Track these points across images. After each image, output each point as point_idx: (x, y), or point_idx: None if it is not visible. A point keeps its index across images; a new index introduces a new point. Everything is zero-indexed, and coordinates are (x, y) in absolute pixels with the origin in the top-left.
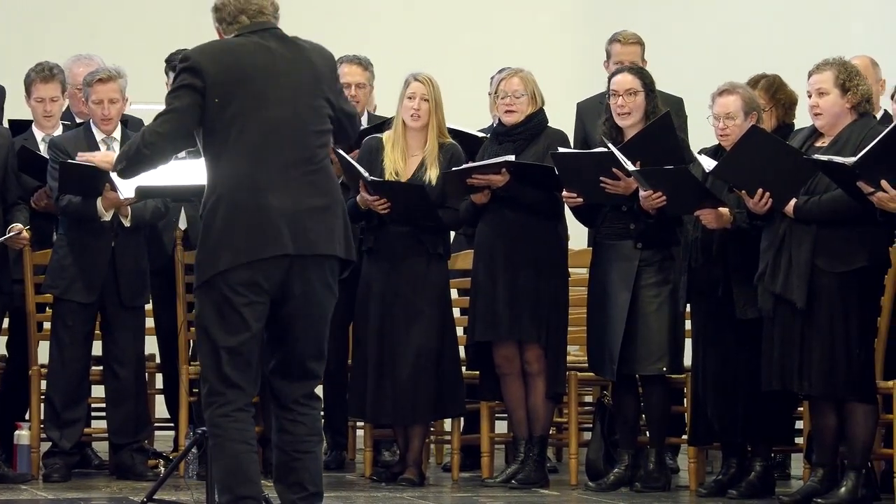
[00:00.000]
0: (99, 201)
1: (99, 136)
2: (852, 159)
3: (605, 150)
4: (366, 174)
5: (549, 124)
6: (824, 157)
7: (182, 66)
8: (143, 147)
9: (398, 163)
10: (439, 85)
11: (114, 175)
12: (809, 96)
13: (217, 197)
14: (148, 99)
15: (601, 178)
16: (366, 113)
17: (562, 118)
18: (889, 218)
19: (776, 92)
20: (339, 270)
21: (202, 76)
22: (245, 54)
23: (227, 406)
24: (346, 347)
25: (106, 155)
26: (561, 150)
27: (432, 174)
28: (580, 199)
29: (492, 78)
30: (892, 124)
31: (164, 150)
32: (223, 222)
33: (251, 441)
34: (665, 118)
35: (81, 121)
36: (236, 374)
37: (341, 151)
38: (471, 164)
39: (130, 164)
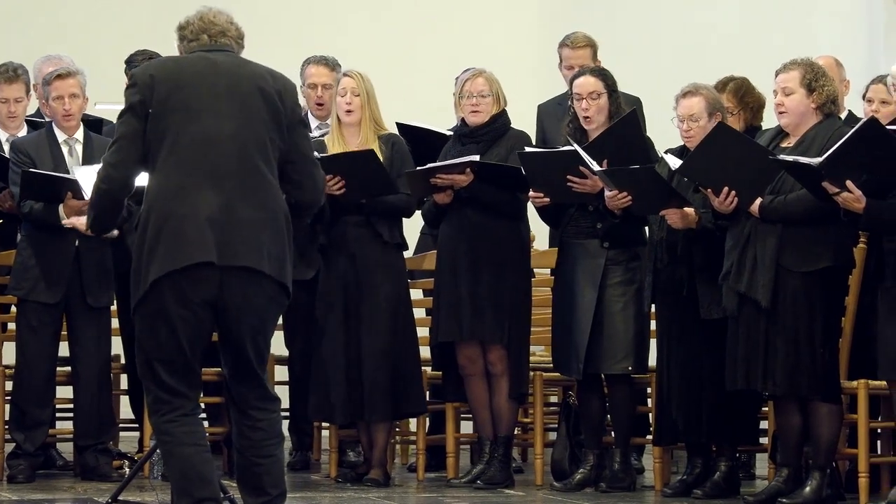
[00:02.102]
0: (61, 208)
1: (61, 137)
2: (818, 160)
3: (571, 148)
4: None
5: (518, 126)
6: (790, 158)
7: (127, 84)
8: (102, 183)
9: None
10: (371, 80)
11: (77, 173)
12: (775, 95)
13: (148, 210)
14: (114, 99)
15: (569, 177)
16: (334, 114)
17: (528, 120)
18: (853, 218)
19: (744, 95)
20: (285, 294)
21: (141, 91)
22: (187, 66)
23: (174, 412)
24: (311, 350)
25: (78, 220)
26: (528, 149)
27: None
28: (547, 199)
29: (456, 79)
30: (857, 125)
31: (121, 180)
32: (152, 235)
33: (202, 442)
34: (631, 116)
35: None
36: (175, 381)
37: None
38: (435, 164)
39: (98, 209)
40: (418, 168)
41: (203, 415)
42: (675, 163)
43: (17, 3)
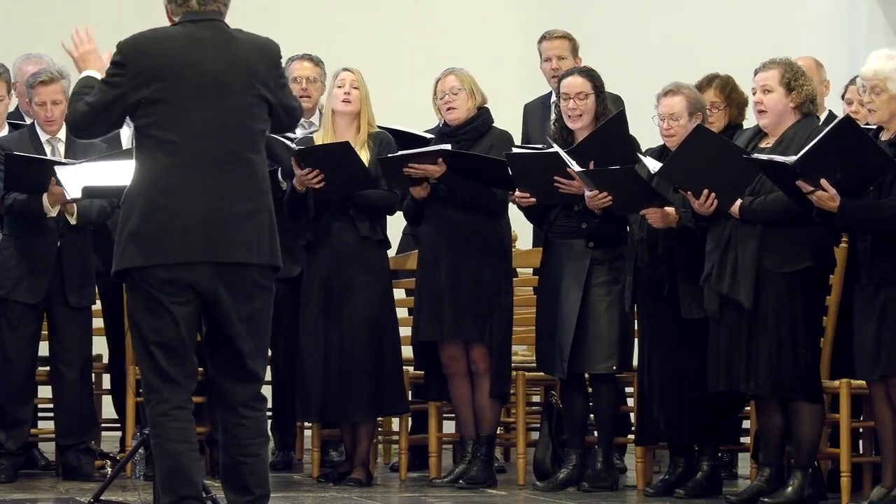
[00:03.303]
0: (45, 197)
1: (43, 136)
2: (793, 158)
3: (553, 150)
4: (292, 144)
5: (504, 126)
6: (764, 157)
7: (113, 58)
8: (72, 123)
9: None
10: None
11: (60, 174)
12: (754, 93)
13: (136, 194)
14: None
15: (556, 177)
16: (318, 112)
17: (514, 120)
18: (825, 218)
19: (731, 92)
20: (273, 275)
21: (127, 74)
22: (175, 50)
23: (165, 404)
24: (295, 347)
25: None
26: (515, 150)
27: (363, 158)
28: (533, 199)
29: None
30: (832, 124)
31: (85, 137)
32: (139, 221)
33: (191, 440)
34: (618, 118)
35: (31, 119)
36: (171, 367)
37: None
38: (407, 151)
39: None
40: (390, 155)
41: (191, 409)
42: (653, 165)
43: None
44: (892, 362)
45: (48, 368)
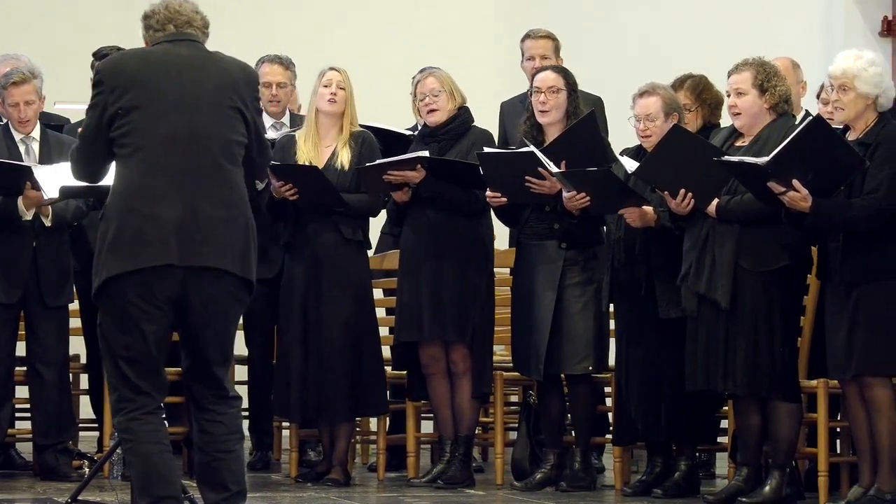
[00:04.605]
0: (20, 200)
1: (17, 136)
2: (764, 159)
3: (528, 150)
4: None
5: (482, 124)
6: (735, 159)
7: (93, 81)
8: (75, 175)
9: (311, 153)
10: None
11: (37, 173)
12: (728, 96)
13: (111, 204)
14: (75, 98)
15: (527, 177)
16: (287, 113)
17: (494, 119)
18: (793, 219)
19: (702, 92)
20: (248, 291)
21: (105, 90)
22: (152, 61)
23: (137, 410)
24: (271, 347)
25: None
26: (486, 149)
27: (344, 159)
28: (504, 199)
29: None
30: (803, 125)
31: (91, 179)
32: (115, 230)
33: (164, 441)
34: (590, 117)
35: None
36: (142, 382)
37: None
38: (384, 160)
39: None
40: (368, 164)
41: (163, 415)
42: (630, 164)
43: None
44: (864, 362)
45: (25, 369)
